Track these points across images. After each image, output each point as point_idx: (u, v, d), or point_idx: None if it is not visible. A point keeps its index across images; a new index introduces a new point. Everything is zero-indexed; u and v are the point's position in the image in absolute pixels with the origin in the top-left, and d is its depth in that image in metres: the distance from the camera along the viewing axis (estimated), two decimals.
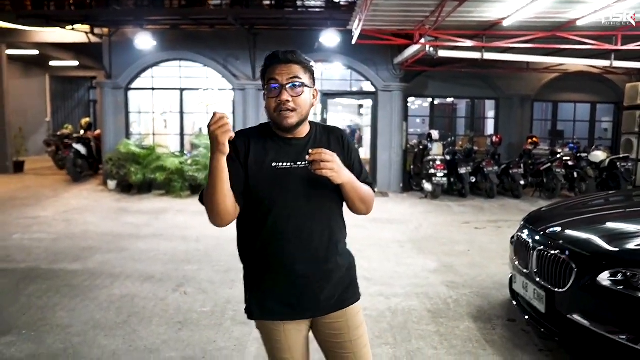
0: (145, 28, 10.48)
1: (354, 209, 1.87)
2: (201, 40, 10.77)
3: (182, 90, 11.13)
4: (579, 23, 7.53)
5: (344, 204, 1.88)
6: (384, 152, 11.15)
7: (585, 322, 2.90)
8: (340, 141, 1.87)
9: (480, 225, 7.76)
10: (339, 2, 10.67)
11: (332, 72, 11.46)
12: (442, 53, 8.14)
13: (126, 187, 10.37)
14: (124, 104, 11.06)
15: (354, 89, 11.56)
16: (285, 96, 1.71)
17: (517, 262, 3.71)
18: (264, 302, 1.83)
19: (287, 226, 1.76)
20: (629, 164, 10.40)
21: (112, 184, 10.57)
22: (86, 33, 10.70)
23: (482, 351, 3.39)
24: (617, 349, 2.73)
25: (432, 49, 7.95)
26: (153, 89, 11.16)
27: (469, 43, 8.19)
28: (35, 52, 13.91)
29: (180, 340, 3.51)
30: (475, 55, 8.40)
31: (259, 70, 8.05)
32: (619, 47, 8.12)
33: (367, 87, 11.39)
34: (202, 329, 3.70)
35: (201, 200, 1.79)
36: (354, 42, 8.93)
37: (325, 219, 1.82)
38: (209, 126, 1.58)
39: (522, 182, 10.38)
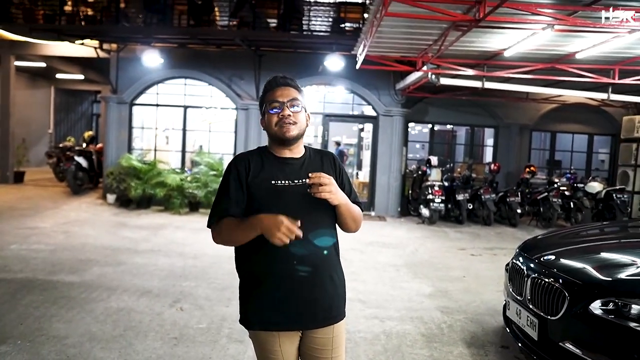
0: (153, 45, 10.69)
1: (345, 227, 1.99)
2: (207, 59, 10.98)
3: (185, 107, 11.29)
4: (577, 56, 7.72)
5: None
6: (382, 176, 11.25)
7: (577, 351, 2.93)
8: (332, 164, 2.02)
9: (476, 252, 7.79)
10: (344, 27, 10.91)
11: (335, 96, 11.65)
12: (444, 81, 8.30)
13: (125, 202, 10.41)
14: (127, 118, 11.20)
15: (356, 112, 11.73)
16: (287, 112, 1.89)
17: (511, 289, 3.75)
18: (262, 312, 1.91)
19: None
20: (625, 196, 10.50)
21: (111, 197, 10.62)
22: (95, 48, 10.90)
23: None
24: None
25: (434, 76, 8.12)
26: (157, 105, 11.32)
27: (470, 72, 8.37)
28: (43, 64, 14.13)
29: (175, 355, 3.52)
30: (476, 83, 8.57)
31: None
32: (616, 81, 8.31)
33: (369, 111, 11.56)
34: (198, 345, 3.72)
35: (210, 226, 1.95)
36: (358, 66, 9.11)
37: (320, 231, 1.91)
38: (282, 224, 1.69)
39: (519, 211, 10.45)
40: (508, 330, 3.83)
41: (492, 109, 12.49)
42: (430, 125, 13.28)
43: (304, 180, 1.83)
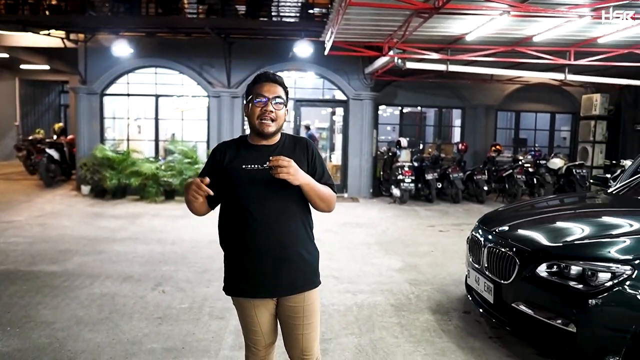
0: (122, 35, 10.61)
1: (315, 207, 2.20)
2: (177, 47, 10.97)
3: (157, 96, 11.28)
4: (535, 39, 8.09)
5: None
6: (354, 158, 11.53)
7: (527, 310, 3.28)
8: (305, 149, 2.23)
9: (444, 229, 8.18)
10: (312, 14, 11.04)
11: (305, 81, 11.80)
12: (410, 65, 8.58)
13: (100, 192, 10.43)
14: (99, 109, 11.13)
15: (327, 97, 11.93)
16: (270, 107, 2.12)
17: (471, 259, 4.09)
18: (237, 281, 2.20)
19: (256, 217, 2.11)
20: (584, 171, 11.07)
21: (85, 189, 10.61)
22: (62, 38, 10.75)
23: (438, 339, 3.75)
24: (555, 332, 3.12)
25: (400, 60, 8.38)
26: (128, 94, 11.28)
27: (434, 55, 8.67)
28: (6, 55, 13.78)
29: (160, 333, 3.75)
30: (441, 67, 8.88)
31: (234, 77, 8.69)
32: (572, 62, 8.74)
33: (339, 95, 11.76)
34: (181, 323, 3.95)
35: None
36: (326, 52, 9.30)
37: (289, 213, 2.15)
38: (190, 184, 2.01)
39: (485, 188, 10.90)
40: (469, 297, 4.18)
41: (458, 91, 12.87)
42: (399, 108, 13.60)
43: (268, 163, 2.03)
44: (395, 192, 10.63)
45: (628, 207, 4.22)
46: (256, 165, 2.12)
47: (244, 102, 2.24)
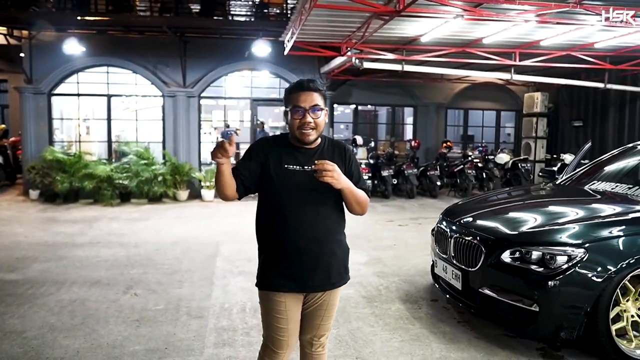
0: (70, 32, 10.21)
1: (350, 210, 2.29)
2: (130, 46, 10.70)
3: (109, 96, 10.95)
4: (484, 41, 8.56)
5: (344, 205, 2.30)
6: None
7: (493, 294, 3.55)
8: (343, 153, 2.31)
9: (403, 223, 8.50)
10: (267, 13, 11.08)
11: (262, 80, 11.83)
12: (367, 64, 8.83)
13: (51, 197, 10.03)
14: (46, 109, 10.67)
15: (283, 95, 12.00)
16: (309, 119, 2.15)
17: (437, 250, 4.34)
18: (272, 276, 2.25)
19: (294, 215, 2.20)
20: (528, 165, 11.79)
21: (34, 193, 10.17)
22: (4, 35, 10.22)
23: (412, 326, 3.97)
24: (519, 312, 3.39)
25: (357, 60, 8.62)
26: (79, 94, 10.89)
27: (390, 56, 8.96)
28: None
29: (140, 335, 3.73)
30: (397, 67, 9.20)
31: (189, 77, 8.73)
32: (517, 63, 9.30)
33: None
34: (160, 325, 3.94)
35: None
36: (286, 52, 9.39)
37: (325, 213, 2.24)
38: (217, 146, 2.05)
39: (438, 183, 11.37)
40: (437, 286, 4.44)
41: (410, 90, 13.32)
42: (353, 106, 13.89)
43: (313, 167, 2.09)
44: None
45: (574, 197, 4.60)
46: (298, 167, 2.20)
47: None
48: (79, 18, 9.81)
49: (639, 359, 3.28)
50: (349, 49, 8.69)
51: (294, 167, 2.21)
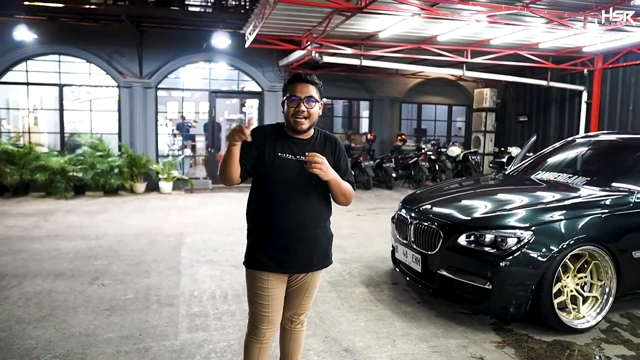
0: (18, 18, 9.77)
1: (336, 200, 2.45)
2: (83, 34, 10.36)
3: (61, 86, 10.60)
4: (439, 39, 8.94)
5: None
6: None
7: (451, 275, 3.85)
8: (334, 146, 2.48)
9: (361, 213, 8.79)
10: (225, 4, 11.04)
11: (220, 72, 11.79)
12: (327, 59, 9.02)
13: None
14: None
15: (242, 88, 12.02)
16: (302, 107, 2.32)
17: (398, 236, 4.61)
18: (258, 256, 2.41)
19: (283, 200, 2.36)
20: (478, 157, 12.40)
21: None
22: None
23: (375, 307, 4.22)
24: (474, 291, 3.71)
25: (317, 54, 8.78)
26: (28, 83, 10.45)
27: (349, 50, 9.19)
28: None
29: (112, 323, 3.78)
30: (355, 61, 9.45)
31: (146, 67, 8.78)
32: (469, 60, 9.77)
33: (254, 87, 11.92)
34: (131, 313, 4.00)
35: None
36: (247, 45, 9.42)
37: (312, 200, 2.40)
38: (234, 130, 2.19)
39: (393, 175, 11.76)
40: (397, 270, 4.72)
41: (366, 84, 13.63)
42: None
43: (304, 157, 2.26)
44: None
45: (522, 186, 4.99)
46: (291, 156, 2.36)
47: (281, 99, 2.41)
48: (26, 4, 9.41)
49: (577, 328, 3.68)
50: (309, 43, 8.84)
51: (287, 155, 2.37)
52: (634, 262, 3.85)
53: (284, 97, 2.40)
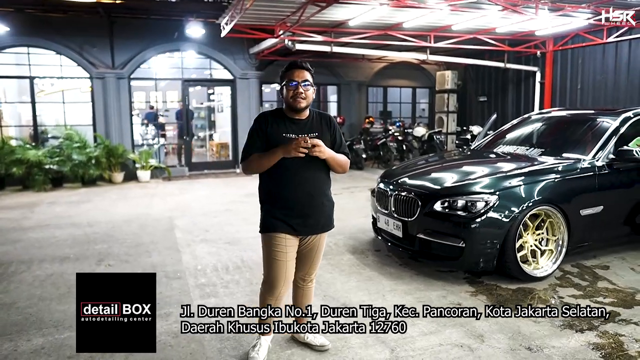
0: None
1: (335, 171, 2.93)
2: (53, 25, 10.31)
3: (32, 78, 10.55)
4: (404, 25, 9.47)
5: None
6: (244, 134, 12.03)
7: (428, 237, 4.42)
8: (329, 123, 2.93)
9: (337, 192, 9.16)
10: None
11: (192, 61, 11.96)
12: (299, 46, 9.41)
13: None
14: None
15: (214, 76, 12.24)
16: (300, 89, 2.73)
17: (379, 207, 5.14)
18: (275, 222, 2.85)
19: (292, 174, 2.80)
20: (442, 137, 13.11)
21: None
22: None
23: (363, 270, 4.75)
24: (449, 249, 4.28)
25: (290, 42, 9.16)
26: None
27: (320, 38, 9.60)
28: None
29: None
30: (326, 48, 9.88)
31: (118, 58, 9.30)
32: (432, 44, 10.36)
33: (226, 75, 12.15)
34: None
35: (242, 161, 2.87)
36: (223, 35, 9.68)
37: (316, 173, 2.86)
38: (294, 143, 2.64)
39: (363, 156, 12.33)
40: (379, 238, 5.26)
41: (334, 69, 14.08)
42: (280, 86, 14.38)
43: (306, 134, 2.73)
44: None
45: (485, 159, 5.59)
46: (294, 135, 2.76)
47: (279, 86, 2.84)
48: None
49: (536, 276, 4.33)
50: (282, 31, 9.20)
51: (291, 135, 2.79)
52: (582, 219, 4.51)
53: (282, 84, 2.78)
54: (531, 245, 4.40)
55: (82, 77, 10.84)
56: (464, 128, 13.50)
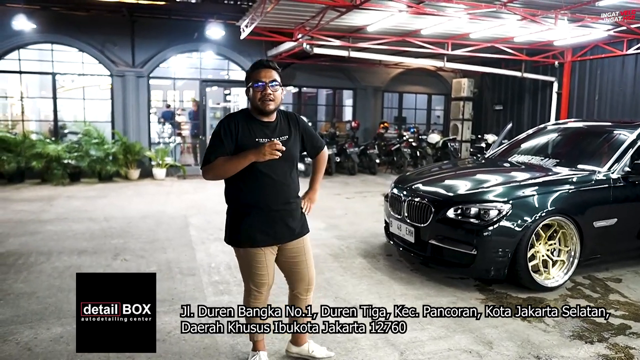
0: (10, 6, 9.91)
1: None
2: (76, 23, 10.54)
3: (54, 74, 10.78)
4: (422, 32, 9.52)
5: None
6: None
7: (440, 243, 4.45)
8: (295, 122, 2.80)
9: (350, 196, 9.36)
10: None
11: (210, 62, 12.12)
12: (317, 50, 9.50)
13: None
14: None
15: (232, 77, 12.38)
16: (268, 90, 2.57)
17: (392, 212, 5.18)
18: (251, 234, 2.68)
19: (265, 179, 2.65)
20: (456, 144, 13.09)
21: None
22: None
23: (374, 274, 4.80)
24: (461, 256, 4.31)
25: (308, 46, 9.26)
26: (20, 72, 10.61)
27: (337, 42, 9.69)
28: None
29: None
30: (344, 53, 9.96)
31: (138, 57, 9.39)
32: (449, 52, 10.39)
33: (243, 76, 12.17)
34: (159, 282, 4.32)
35: (203, 166, 2.66)
36: (242, 37, 9.82)
37: (288, 176, 2.73)
38: (266, 147, 2.49)
39: (377, 161, 12.36)
40: (391, 242, 5.30)
41: (350, 74, 14.14)
42: (296, 89, 14.51)
43: (277, 138, 2.60)
44: (300, 166, 11.57)
45: (501, 167, 5.62)
46: (266, 140, 2.59)
47: (246, 87, 2.63)
48: None
49: (547, 286, 4.33)
50: (301, 35, 9.30)
51: (264, 140, 2.61)
52: (595, 231, 4.51)
53: (248, 85, 2.59)
54: (543, 255, 4.41)
55: (103, 74, 11.05)
56: (479, 136, 13.48)
